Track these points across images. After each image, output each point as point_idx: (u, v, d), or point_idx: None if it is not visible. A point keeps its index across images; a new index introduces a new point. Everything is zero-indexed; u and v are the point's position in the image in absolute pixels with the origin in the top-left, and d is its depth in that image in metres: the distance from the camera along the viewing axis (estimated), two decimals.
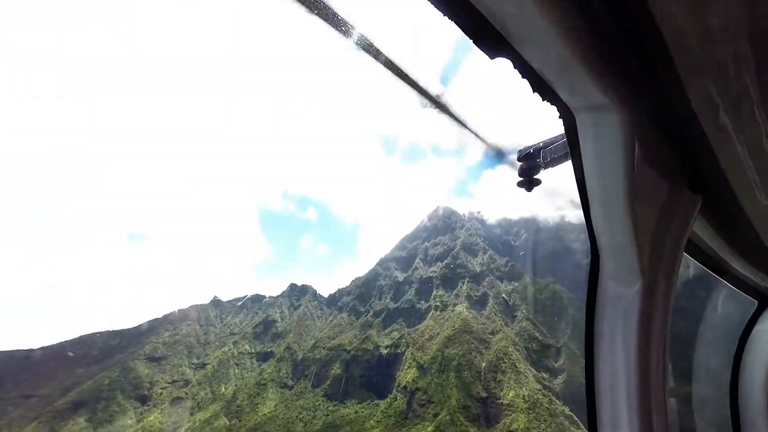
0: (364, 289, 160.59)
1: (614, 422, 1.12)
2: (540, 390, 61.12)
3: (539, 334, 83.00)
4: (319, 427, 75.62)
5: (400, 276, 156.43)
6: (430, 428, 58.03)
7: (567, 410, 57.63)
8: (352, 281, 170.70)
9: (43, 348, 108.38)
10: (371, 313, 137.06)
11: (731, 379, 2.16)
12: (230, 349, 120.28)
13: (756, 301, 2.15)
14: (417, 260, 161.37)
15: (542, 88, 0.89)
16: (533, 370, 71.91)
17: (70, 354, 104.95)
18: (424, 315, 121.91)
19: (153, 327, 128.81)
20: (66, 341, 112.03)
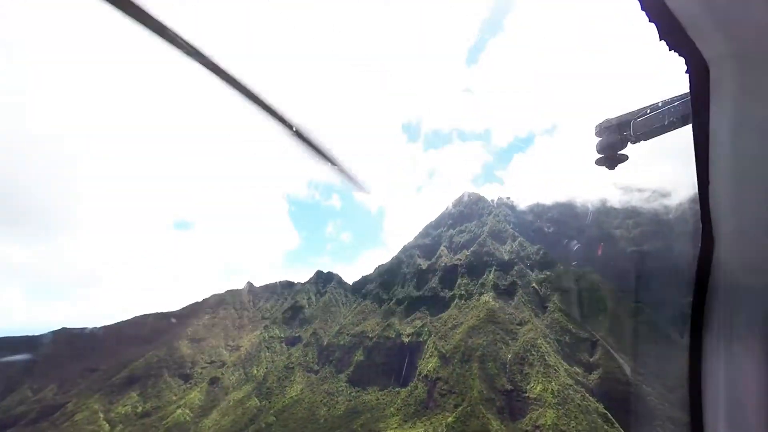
0: (387, 277, 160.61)
1: None
2: (572, 385, 56.65)
3: (573, 326, 77.02)
4: (341, 411, 77.38)
5: (424, 264, 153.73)
6: (450, 418, 56.53)
7: (601, 407, 52.90)
8: (376, 269, 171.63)
9: (105, 327, 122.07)
10: (394, 301, 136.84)
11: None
12: (261, 333, 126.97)
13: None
14: (441, 248, 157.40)
15: (673, 33, 0.77)
16: (565, 364, 67.04)
17: (127, 333, 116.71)
18: (447, 304, 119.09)
19: (195, 310, 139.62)
20: (123, 321, 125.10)
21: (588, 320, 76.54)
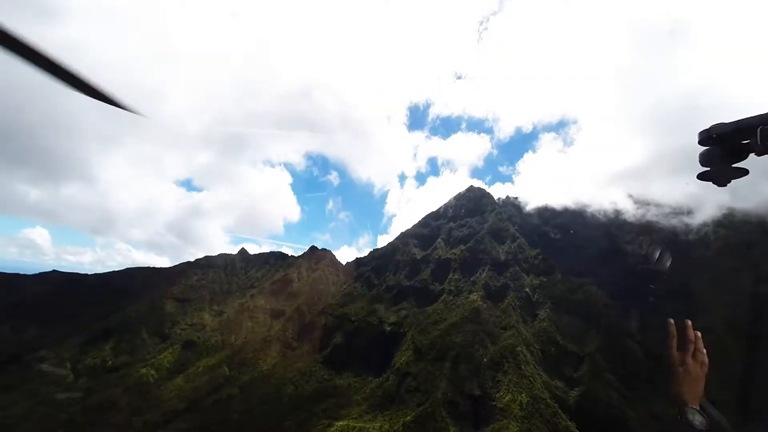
0: (380, 262, 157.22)
1: None
2: (545, 399, 52.39)
3: (561, 338, 72.00)
4: (308, 393, 75.73)
5: (419, 254, 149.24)
6: (408, 417, 53.46)
7: (573, 427, 48.66)
8: (371, 252, 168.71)
9: (95, 274, 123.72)
10: (384, 287, 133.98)
11: None
12: (247, 302, 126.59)
13: None
14: (439, 240, 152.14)
15: None
16: (545, 375, 62.57)
17: (115, 284, 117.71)
18: (436, 298, 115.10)
19: (185, 270, 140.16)
20: (112, 272, 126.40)
21: (579, 334, 71.30)
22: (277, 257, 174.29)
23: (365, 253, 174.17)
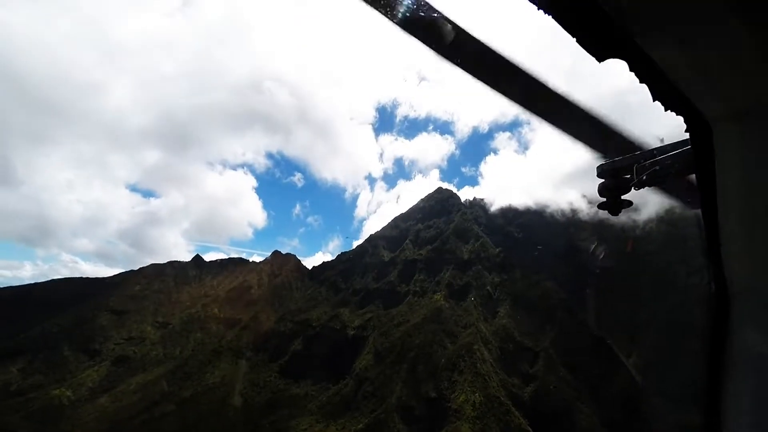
0: (348, 265, 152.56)
1: None
2: (498, 398, 50.93)
3: (519, 334, 71.93)
4: (259, 404, 69.23)
5: (387, 256, 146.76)
6: (360, 425, 49.58)
7: (525, 424, 47.42)
8: (338, 256, 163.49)
9: (11, 287, 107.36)
10: (350, 291, 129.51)
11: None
12: (198, 312, 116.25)
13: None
14: (407, 241, 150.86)
15: (668, 94, 0.73)
16: (502, 373, 61.57)
17: (35, 297, 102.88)
18: (402, 299, 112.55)
19: (126, 279, 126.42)
20: (33, 284, 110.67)
21: (535, 330, 71.65)
22: (237, 263, 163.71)
23: (334, 257, 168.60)
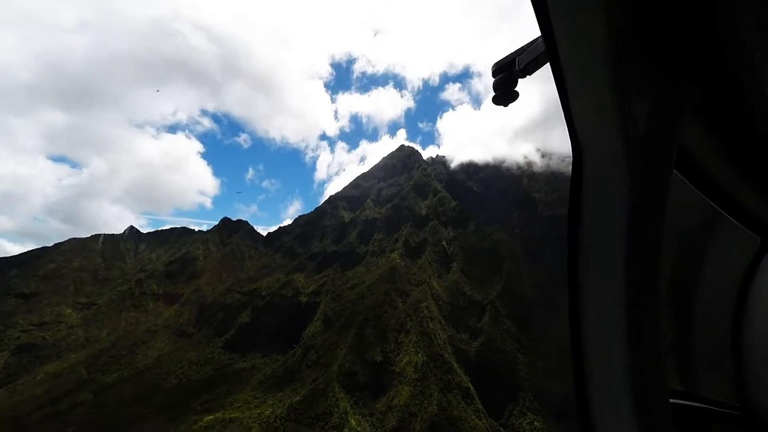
0: (306, 229, 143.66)
1: (603, 384, 0.96)
2: (442, 356, 48.98)
3: (469, 288, 70.57)
4: (196, 383, 63.23)
5: (347, 216, 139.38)
6: (297, 398, 45.62)
7: (466, 381, 46.24)
8: (295, 220, 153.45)
9: None
10: (307, 256, 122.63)
11: (732, 326, 1.83)
12: (131, 288, 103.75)
13: (759, 238, 1.73)
14: (368, 200, 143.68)
15: None
16: (451, 330, 60.05)
17: None
18: (360, 260, 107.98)
19: (37, 257, 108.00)
20: None
21: (484, 283, 70.55)
22: (180, 234, 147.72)
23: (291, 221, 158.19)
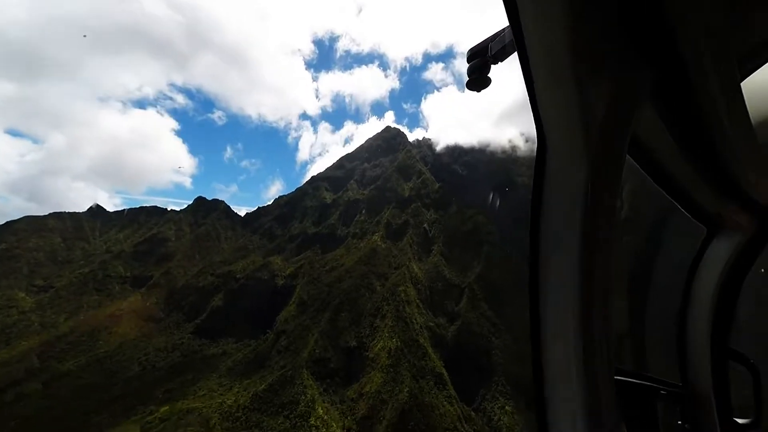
0: (286, 210, 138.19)
1: (556, 371, 1.02)
2: (418, 341, 47.30)
3: (449, 271, 68.87)
4: (161, 370, 59.79)
5: (329, 197, 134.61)
6: (263, 386, 43.11)
7: (440, 366, 44.92)
8: (275, 200, 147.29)
9: None
10: (287, 237, 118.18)
11: (679, 313, 1.97)
12: (94, 271, 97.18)
13: (705, 228, 1.83)
14: (351, 181, 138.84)
15: None
16: (428, 314, 58.32)
17: None
18: (341, 242, 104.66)
19: None
20: None
21: (463, 266, 68.92)
22: (150, 213, 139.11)
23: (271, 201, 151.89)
